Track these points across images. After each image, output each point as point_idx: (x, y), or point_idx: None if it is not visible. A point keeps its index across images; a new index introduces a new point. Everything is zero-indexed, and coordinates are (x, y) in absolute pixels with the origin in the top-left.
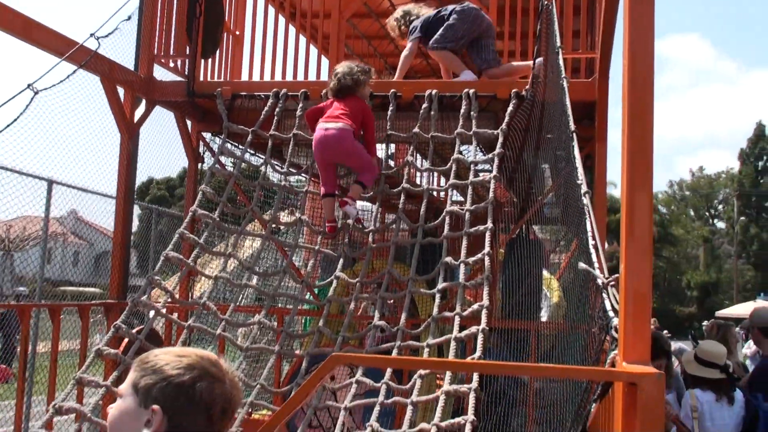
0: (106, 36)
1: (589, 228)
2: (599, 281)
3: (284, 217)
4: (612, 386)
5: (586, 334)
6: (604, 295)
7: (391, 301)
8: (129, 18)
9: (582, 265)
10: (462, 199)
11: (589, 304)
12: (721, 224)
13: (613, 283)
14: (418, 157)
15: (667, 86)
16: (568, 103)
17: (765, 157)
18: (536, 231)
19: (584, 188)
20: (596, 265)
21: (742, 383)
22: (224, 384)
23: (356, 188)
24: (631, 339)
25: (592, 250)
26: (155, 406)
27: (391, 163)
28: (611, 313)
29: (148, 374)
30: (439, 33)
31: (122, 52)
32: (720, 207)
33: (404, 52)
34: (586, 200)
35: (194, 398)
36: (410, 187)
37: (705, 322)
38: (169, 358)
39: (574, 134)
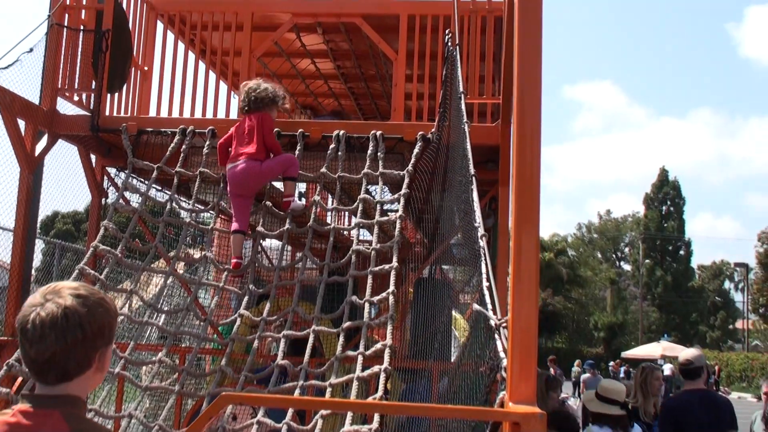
0: (6, 68)
1: (483, 270)
2: (491, 322)
3: (196, 254)
4: (501, 425)
5: (478, 373)
6: (497, 336)
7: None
8: (31, 50)
9: (476, 306)
10: (372, 238)
11: (480, 344)
12: (627, 266)
13: (504, 324)
14: (329, 196)
15: (580, 131)
16: (468, 147)
17: (668, 202)
18: (445, 271)
19: (481, 231)
20: (489, 306)
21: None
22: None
23: (289, 185)
24: (516, 379)
25: (486, 292)
26: None
27: (303, 200)
28: (502, 354)
29: None
30: None
31: (27, 84)
32: (626, 250)
33: None
34: (482, 243)
35: None
36: (317, 226)
37: (611, 363)
38: None
39: (473, 178)
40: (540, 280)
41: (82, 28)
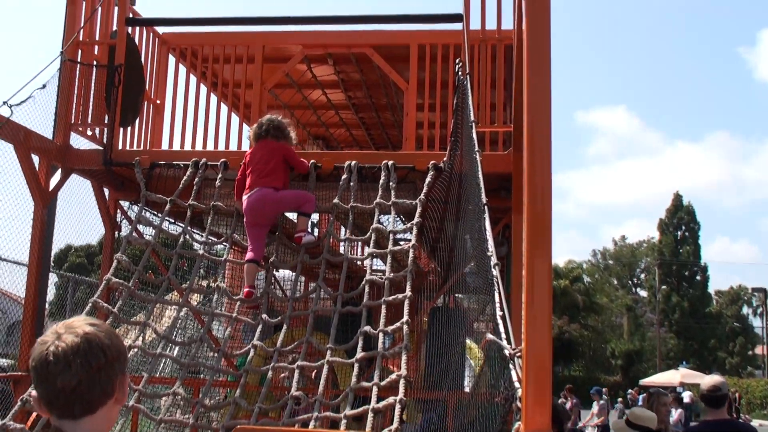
0: (19, 104)
1: (497, 299)
2: (506, 352)
3: (210, 284)
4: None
5: (492, 403)
6: (511, 366)
7: (314, 372)
8: (44, 86)
9: (490, 335)
10: (386, 268)
11: (495, 374)
12: (643, 293)
13: (519, 353)
14: (342, 227)
15: (594, 156)
16: (480, 175)
17: (683, 227)
18: (460, 299)
19: (494, 260)
20: (503, 335)
21: None
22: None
23: (302, 220)
24: (531, 409)
25: (500, 321)
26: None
27: (315, 231)
28: (517, 384)
29: None
30: None
31: (40, 120)
32: (642, 276)
33: None
34: (495, 271)
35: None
36: (330, 257)
37: (630, 391)
38: None
39: (486, 206)
40: (556, 308)
41: (95, 63)
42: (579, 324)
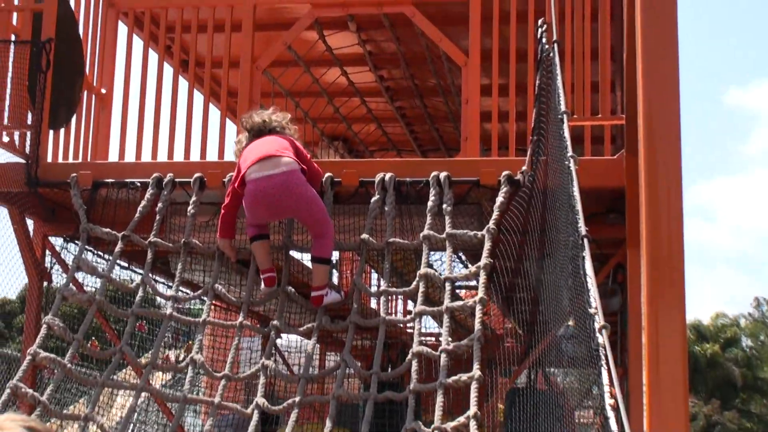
0: None
1: (605, 379)
2: None
3: (179, 357)
4: None
5: None
6: None
7: None
8: None
9: None
10: (439, 330)
11: None
12: None
13: None
14: (371, 271)
15: (757, 155)
16: (576, 192)
17: None
18: (552, 375)
19: (599, 320)
20: None
21: None
22: None
23: (321, 270)
24: None
25: (610, 413)
26: None
27: (335, 277)
28: None
29: None
30: None
31: None
32: None
33: None
34: (602, 337)
35: None
36: (360, 320)
37: None
38: None
39: (585, 239)
40: (698, 387)
41: (12, 38)
42: (737, 411)
